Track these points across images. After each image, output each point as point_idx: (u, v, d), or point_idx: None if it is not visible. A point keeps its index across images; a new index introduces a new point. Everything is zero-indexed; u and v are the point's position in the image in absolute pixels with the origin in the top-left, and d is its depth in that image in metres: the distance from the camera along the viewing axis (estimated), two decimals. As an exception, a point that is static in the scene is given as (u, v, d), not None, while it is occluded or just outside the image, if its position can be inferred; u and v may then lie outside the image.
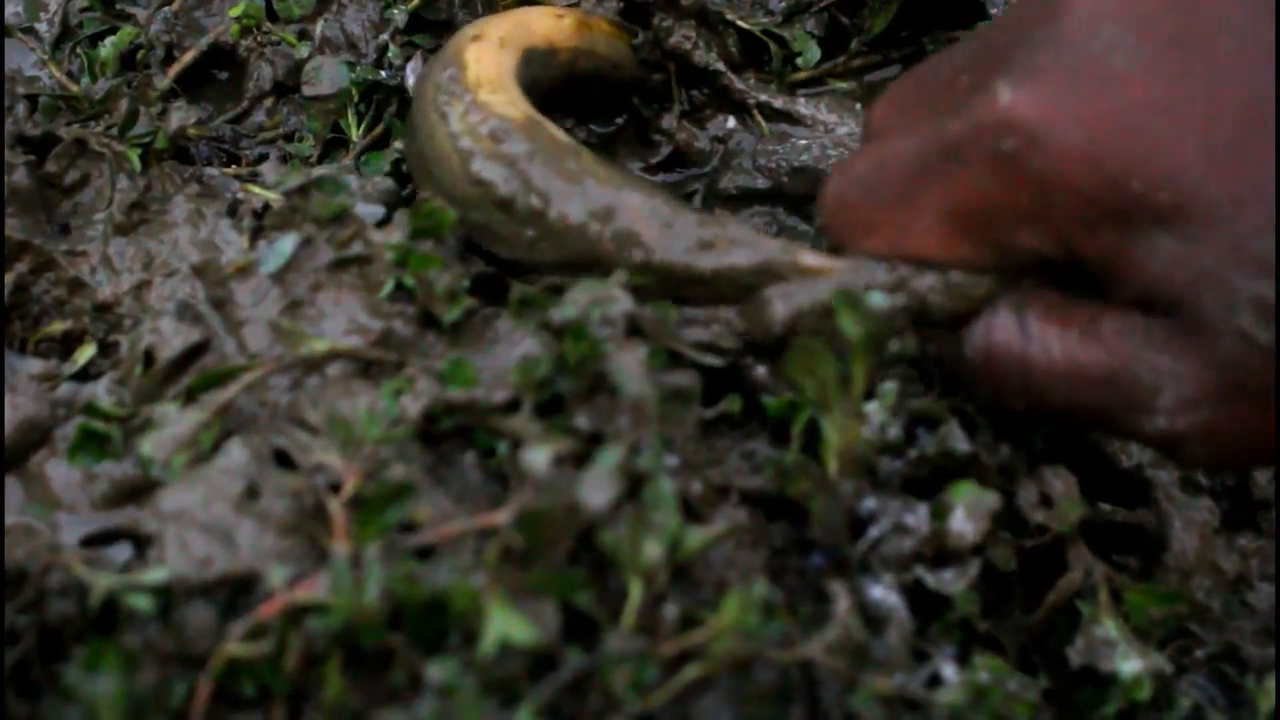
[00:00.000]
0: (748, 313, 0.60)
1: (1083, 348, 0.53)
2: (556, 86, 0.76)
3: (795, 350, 0.56)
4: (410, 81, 0.81)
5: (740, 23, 0.85)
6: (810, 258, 0.60)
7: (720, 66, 0.85)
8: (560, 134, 0.66)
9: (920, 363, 0.61)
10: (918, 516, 0.56)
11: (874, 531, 0.56)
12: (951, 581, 0.56)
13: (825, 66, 0.87)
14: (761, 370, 0.60)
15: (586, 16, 0.79)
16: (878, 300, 0.55)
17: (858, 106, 0.85)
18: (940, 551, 0.56)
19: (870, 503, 0.57)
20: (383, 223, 0.64)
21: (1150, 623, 0.60)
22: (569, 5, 0.81)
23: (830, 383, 0.55)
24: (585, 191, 0.62)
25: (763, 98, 0.85)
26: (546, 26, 0.75)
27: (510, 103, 0.67)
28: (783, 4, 0.86)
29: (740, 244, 0.61)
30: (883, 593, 0.55)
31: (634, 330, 0.58)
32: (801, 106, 0.85)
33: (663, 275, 0.61)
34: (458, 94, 0.67)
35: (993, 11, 0.84)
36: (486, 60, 0.69)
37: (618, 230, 0.62)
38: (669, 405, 0.55)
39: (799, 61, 0.86)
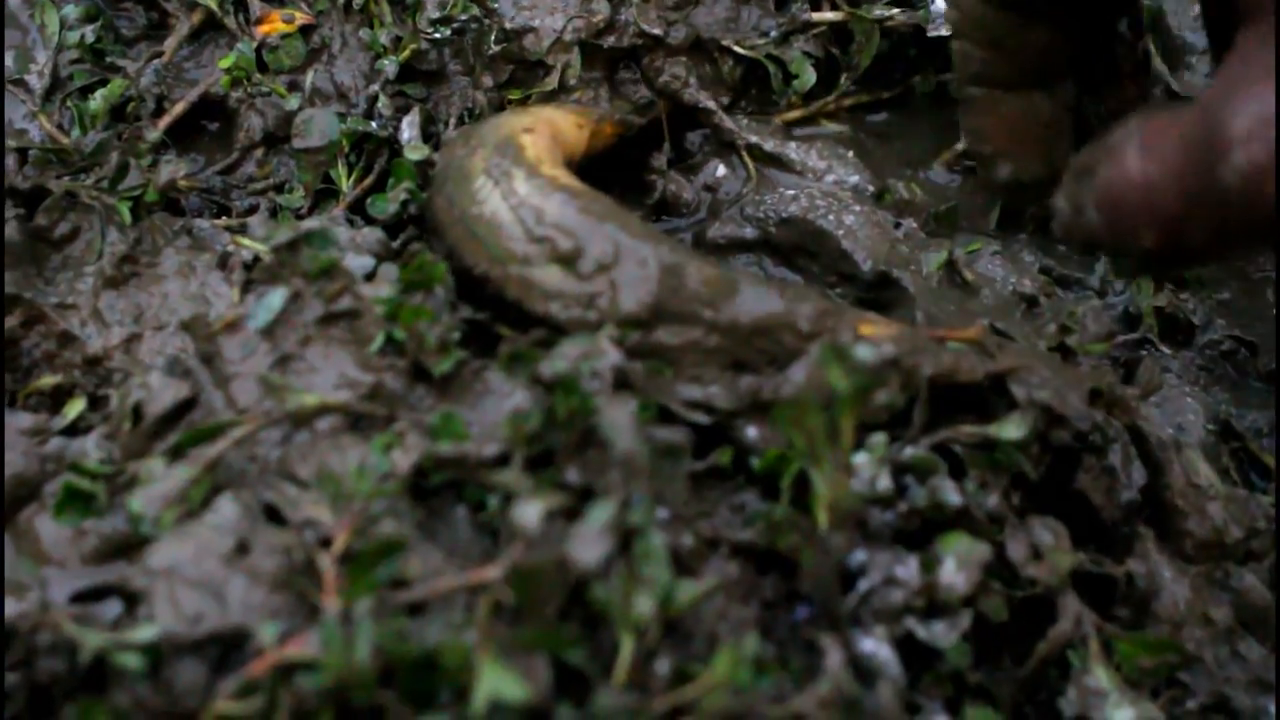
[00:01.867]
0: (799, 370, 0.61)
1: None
2: None
3: (783, 404, 0.56)
4: (406, 136, 0.81)
5: (737, 48, 0.86)
6: (865, 318, 0.64)
7: (710, 104, 0.85)
8: (621, 208, 0.69)
9: (907, 413, 0.61)
10: (908, 569, 0.56)
11: (864, 584, 0.56)
12: (943, 634, 0.56)
13: (816, 105, 0.88)
14: (752, 432, 0.60)
15: (598, 125, 0.82)
16: (865, 353, 0.55)
17: (850, 154, 0.86)
18: (931, 604, 0.56)
19: (860, 555, 0.57)
20: (370, 275, 0.64)
21: (1141, 673, 0.60)
22: (581, 104, 0.83)
23: (819, 435, 0.55)
24: (654, 250, 0.65)
25: (753, 139, 0.85)
26: (572, 140, 0.80)
27: (572, 179, 0.71)
28: (776, 29, 0.86)
29: (801, 299, 0.65)
30: (874, 646, 0.55)
31: (623, 384, 0.58)
32: (792, 151, 0.85)
33: (728, 331, 0.64)
34: (518, 165, 0.70)
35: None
36: (542, 146, 0.73)
37: (684, 285, 0.65)
38: (660, 460, 0.55)
39: (795, 85, 0.86)
